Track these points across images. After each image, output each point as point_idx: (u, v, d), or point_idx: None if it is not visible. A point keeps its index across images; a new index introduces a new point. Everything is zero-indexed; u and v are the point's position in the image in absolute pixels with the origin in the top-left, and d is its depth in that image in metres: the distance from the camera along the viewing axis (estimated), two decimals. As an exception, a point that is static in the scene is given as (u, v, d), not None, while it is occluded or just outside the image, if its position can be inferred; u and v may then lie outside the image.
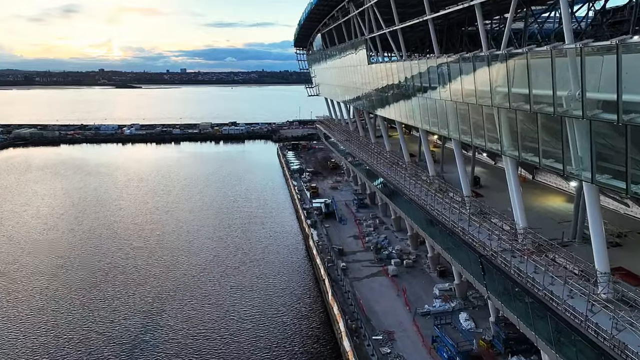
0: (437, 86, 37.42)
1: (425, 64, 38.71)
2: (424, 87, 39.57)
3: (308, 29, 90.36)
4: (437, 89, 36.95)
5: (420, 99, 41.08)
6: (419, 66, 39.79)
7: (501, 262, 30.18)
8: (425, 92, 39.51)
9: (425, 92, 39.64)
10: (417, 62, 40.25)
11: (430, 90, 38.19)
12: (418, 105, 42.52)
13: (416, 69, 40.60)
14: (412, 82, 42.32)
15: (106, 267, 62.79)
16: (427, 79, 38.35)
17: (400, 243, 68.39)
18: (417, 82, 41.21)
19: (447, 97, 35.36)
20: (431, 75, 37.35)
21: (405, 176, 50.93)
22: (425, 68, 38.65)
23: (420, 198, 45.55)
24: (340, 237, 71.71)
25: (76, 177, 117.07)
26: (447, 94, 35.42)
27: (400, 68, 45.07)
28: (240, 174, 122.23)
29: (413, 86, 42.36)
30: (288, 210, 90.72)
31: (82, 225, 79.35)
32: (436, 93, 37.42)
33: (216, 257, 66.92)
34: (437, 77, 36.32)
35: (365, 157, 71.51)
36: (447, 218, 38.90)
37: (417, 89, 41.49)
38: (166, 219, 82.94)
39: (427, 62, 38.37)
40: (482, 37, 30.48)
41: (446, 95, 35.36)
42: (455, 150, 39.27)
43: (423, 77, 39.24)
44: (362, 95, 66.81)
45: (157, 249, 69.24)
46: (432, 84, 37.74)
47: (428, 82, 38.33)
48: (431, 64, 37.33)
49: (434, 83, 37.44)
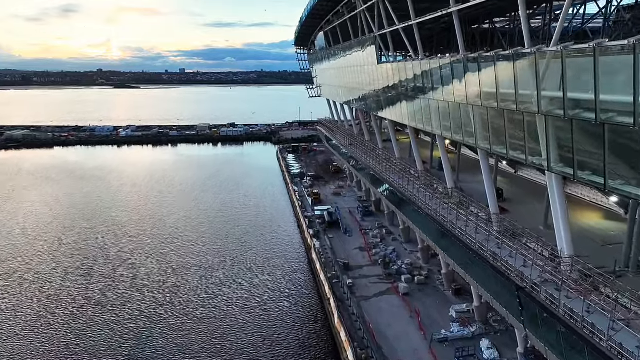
0: (462, 88, 32.60)
1: (448, 62, 33.83)
2: (446, 89, 34.77)
3: (310, 27, 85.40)
4: (463, 92, 32.16)
5: (441, 102, 36.30)
6: (440, 65, 34.96)
7: (546, 298, 25.38)
8: (448, 95, 34.71)
9: (447, 95, 34.84)
10: (438, 61, 35.34)
11: (454, 93, 33.37)
12: (437, 109, 37.74)
13: (436, 69, 35.80)
14: (431, 84, 37.53)
15: (92, 283, 57.97)
16: (450, 80, 33.55)
17: (409, 256, 63.88)
18: (436, 83, 36.44)
19: (475, 101, 30.59)
20: (455, 75, 32.54)
21: (420, 187, 46.02)
22: (447, 67, 33.82)
23: (439, 214, 40.68)
24: (345, 249, 67.10)
25: (67, 182, 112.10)
26: (476, 97, 30.63)
27: (416, 67, 40.21)
28: (239, 179, 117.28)
29: (432, 88, 37.53)
30: (289, 218, 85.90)
31: (70, 235, 74.46)
32: (461, 96, 32.63)
33: (213, 273, 61.90)
34: (463, 77, 31.55)
35: (373, 163, 66.71)
36: (473, 239, 34.05)
37: (437, 91, 36.68)
38: (158, 229, 77.90)
39: (450, 60, 33.51)
40: (525, 32, 25.59)
41: (475, 100, 30.58)
42: (482, 162, 34.48)
43: (445, 78, 34.46)
44: (370, 97, 61.86)
45: (146, 264, 64.23)
46: (456, 86, 32.93)
47: (451, 84, 33.52)
48: (455, 63, 32.51)
49: (458, 85, 32.66)
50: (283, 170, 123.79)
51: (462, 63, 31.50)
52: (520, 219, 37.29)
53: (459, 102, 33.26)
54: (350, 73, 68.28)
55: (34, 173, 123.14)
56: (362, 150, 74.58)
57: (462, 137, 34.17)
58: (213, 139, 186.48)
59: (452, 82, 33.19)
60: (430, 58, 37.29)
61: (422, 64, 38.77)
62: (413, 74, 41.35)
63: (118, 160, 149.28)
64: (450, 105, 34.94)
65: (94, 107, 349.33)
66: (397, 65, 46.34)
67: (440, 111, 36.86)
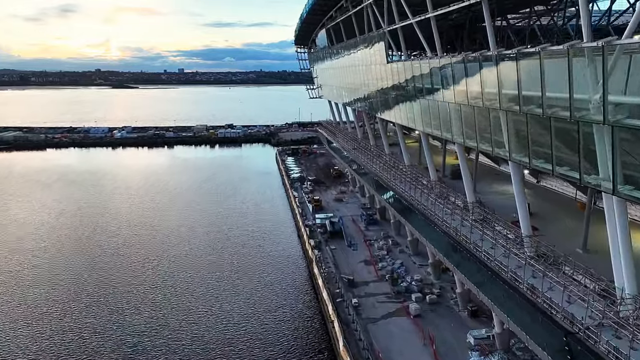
0: (493, 91, 27.75)
1: (474, 60, 28.90)
2: (471, 91, 29.94)
3: (311, 24, 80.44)
4: (494, 95, 27.33)
5: (464, 107, 31.51)
6: (464, 63, 30.07)
7: (605, 350, 20.57)
8: (474, 99, 29.88)
9: (472, 98, 30.02)
10: (462, 58, 30.39)
11: (484, 96, 28.55)
12: (459, 114, 32.98)
13: (459, 68, 30.98)
14: (452, 85, 32.70)
15: (74, 298, 53.26)
16: (477, 80, 28.73)
17: (419, 270, 59.19)
18: (459, 84, 31.63)
19: (510, 106, 25.79)
20: (485, 75, 27.72)
21: (436, 201, 41.12)
22: (474, 66, 28.96)
23: (460, 233, 35.79)
24: (348, 262, 62.34)
25: (57, 187, 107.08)
26: (511, 102, 25.83)
27: (433, 66, 35.39)
28: (236, 183, 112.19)
29: (453, 90, 32.70)
30: (288, 226, 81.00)
31: (53, 247, 69.53)
32: (492, 100, 27.83)
33: (207, 291, 56.93)
34: (494, 78, 26.73)
35: (379, 170, 61.84)
36: (505, 267, 29.20)
37: (459, 93, 31.85)
38: (149, 240, 72.52)
39: (478, 57, 28.53)
40: (584, 24, 20.72)
41: (509, 104, 25.77)
42: (513, 177, 29.61)
43: (470, 78, 29.64)
44: (377, 99, 56.97)
45: (134, 280, 59.26)
46: (485, 88, 28.11)
47: (478, 85, 28.68)
48: (485, 61, 27.63)
49: (488, 86, 27.83)
50: (282, 174, 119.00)
51: (494, 61, 26.68)
52: (553, 239, 32.56)
53: (488, 107, 28.48)
54: (354, 73, 63.37)
55: (24, 176, 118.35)
56: (366, 156, 69.72)
57: (492, 147, 29.35)
58: (210, 141, 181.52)
59: (480, 83, 28.37)
60: (452, 55, 32.39)
61: (441, 62, 33.92)
62: (430, 74, 36.48)
63: (112, 163, 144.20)
64: (476, 110, 30.16)
65: (90, 108, 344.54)
66: (409, 64, 41.34)
67: (462, 117, 32.09)
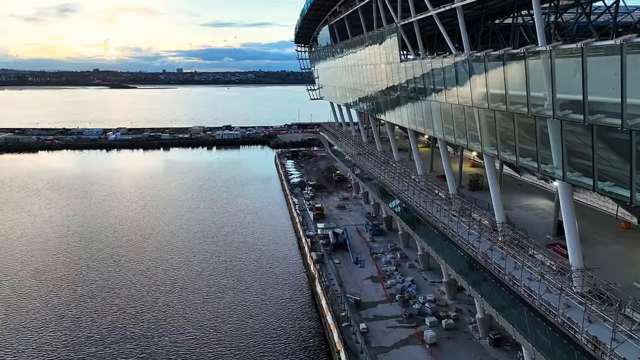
0: (540, 96, 22.69)
1: (519, 56, 23.71)
2: (512, 95, 24.79)
3: (313, 20, 75.19)
4: (541, 100, 22.26)
5: (500, 114, 26.41)
6: (504, 61, 24.91)
7: None
8: (515, 104, 24.76)
9: (513, 103, 24.90)
10: (502, 55, 25.12)
11: (529, 101, 23.44)
12: (492, 123, 27.87)
13: (495, 69, 25.89)
14: (485, 88, 27.58)
15: (53, 318, 48.42)
16: (520, 83, 23.66)
17: (431, 289, 54.41)
18: (495, 87, 26.54)
19: (564, 114, 20.72)
20: (533, 77, 22.62)
21: (460, 221, 35.90)
22: (517, 64, 23.84)
23: (491, 262, 30.58)
24: (354, 278, 57.41)
25: (46, 193, 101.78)
26: (562, 109, 20.77)
27: (460, 66, 30.26)
28: (233, 189, 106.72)
29: (484, 94, 27.57)
30: (288, 237, 75.74)
31: (35, 261, 64.44)
32: (539, 106, 22.75)
33: (197, 314, 51.84)
34: (546, 79, 21.67)
35: (388, 179, 56.66)
36: (553, 307, 24.10)
37: (495, 98, 26.73)
38: (139, 254, 66.84)
39: (523, 53, 23.26)
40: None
41: (566, 112, 20.69)
42: (562, 198, 24.41)
43: (512, 80, 24.55)
44: (386, 102, 51.76)
45: (121, 297, 54.23)
46: (532, 91, 23.00)
47: (524, 89, 23.56)
48: (531, 57, 22.49)
49: (536, 90, 22.71)
50: (282, 179, 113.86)
51: (547, 55, 21.41)
52: (602, 270, 27.45)
53: (535, 114, 23.36)
54: (361, 73, 58.21)
55: (12, 180, 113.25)
56: (373, 162, 64.51)
57: (537, 163, 24.22)
58: (207, 143, 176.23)
59: (525, 85, 23.26)
60: (486, 52, 27.17)
61: (470, 61, 28.74)
62: (453, 73, 31.35)
63: (104, 167, 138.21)
64: (517, 119, 25.08)
65: (87, 108, 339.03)
66: (428, 62, 36.09)
67: (497, 125, 27.02)
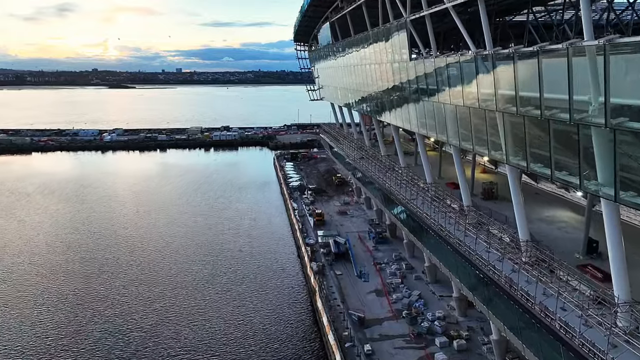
0: (584, 100, 19.14)
1: (560, 55, 20.10)
2: (550, 99, 21.20)
3: (313, 18, 71.57)
4: (587, 107, 18.73)
5: (529, 120, 22.86)
6: (542, 61, 21.30)
7: None
8: (554, 110, 21.18)
9: (550, 109, 21.34)
10: (541, 49, 21.41)
11: (572, 106, 19.84)
12: (512, 131, 24.34)
13: (526, 68, 22.32)
14: (513, 90, 23.97)
15: (37, 331, 44.93)
16: (559, 85, 20.12)
17: (440, 304, 50.98)
18: (526, 89, 22.95)
19: (618, 122, 17.20)
20: (577, 77, 19.04)
21: (477, 237, 32.31)
22: (553, 64, 20.31)
23: (517, 288, 26.93)
24: (357, 292, 53.96)
25: (35, 198, 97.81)
26: (616, 116, 17.22)
27: (481, 65, 26.64)
28: (230, 194, 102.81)
29: (514, 97, 23.94)
30: (288, 245, 72.07)
31: (21, 268, 60.92)
32: (583, 113, 19.20)
33: (191, 333, 48.29)
34: (591, 81, 18.13)
35: (394, 187, 53.04)
36: (597, 351, 20.53)
37: (527, 101, 23.11)
38: (127, 266, 62.62)
39: (568, 49, 19.61)
40: None
41: (621, 120, 17.15)
42: (606, 221, 20.84)
43: (548, 82, 20.99)
44: (392, 104, 48.17)
45: (105, 316, 50.58)
46: (576, 94, 19.42)
47: (564, 92, 19.97)
48: (577, 52, 18.87)
49: (580, 93, 19.12)
50: (280, 182, 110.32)
51: (598, 51, 17.85)
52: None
53: (578, 122, 19.76)
54: (364, 72, 54.61)
55: (1, 185, 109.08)
56: (377, 167, 60.93)
57: (579, 179, 20.63)
58: (205, 144, 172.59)
59: (568, 87, 19.68)
60: (515, 48, 23.54)
61: (494, 58, 25.08)
62: (475, 75, 27.75)
63: (98, 169, 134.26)
64: (553, 126, 21.48)
65: (84, 108, 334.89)
66: (442, 59, 32.46)
67: (527, 134, 23.41)
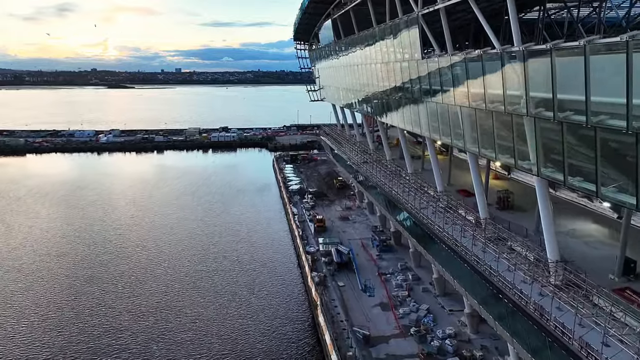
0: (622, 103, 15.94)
1: (618, 50, 16.85)
2: (596, 104, 17.94)
3: (313, 15, 68.31)
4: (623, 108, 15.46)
5: (568, 127, 19.62)
6: (590, 57, 18.07)
7: None
8: (593, 116, 17.96)
9: (592, 115, 18.10)
10: (584, 48, 18.21)
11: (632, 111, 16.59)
12: (545, 139, 21.07)
13: (566, 66, 19.13)
14: (551, 92, 20.66)
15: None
16: (613, 87, 16.91)
17: (450, 319, 47.87)
18: (565, 91, 19.74)
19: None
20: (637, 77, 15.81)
21: (499, 255, 28.93)
22: (605, 62, 17.11)
23: (550, 318, 23.61)
24: (361, 305, 50.78)
25: (26, 203, 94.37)
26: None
27: (509, 63, 23.36)
28: (228, 199, 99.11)
29: (551, 101, 20.64)
30: (287, 254, 68.60)
31: (8, 277, 57.60)
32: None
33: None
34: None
35: (401, 195, 49.71)
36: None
37: (563, 106, 19.90)
38: (119, 276, 59.15)
39: (629, 45, 16.39)
40: None
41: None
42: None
43: (596, 83, 17.75)
44: (400, 107, 44.85)
45: (96, 329, 47.33)
46: (636, 97, 16.18)
47: (620, 95, 16.72)
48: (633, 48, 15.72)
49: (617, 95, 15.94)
50: (280, 185, 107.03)
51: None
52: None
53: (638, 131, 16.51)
54: (368, 72, 51.34)
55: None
56: (381, 172, 57.65)
57: (636, 197, 17.41)
58: (203, 145, 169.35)
59: (626, 90, 16.43)
60: (554, 44, 20.35)
61: (526, 56, 21.80)
62: (501, 75, 24.47)
63: (92, 172, 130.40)
64: (601, 135, 18.25)
65: (82, 108, 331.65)
66: (460, 57, 29.18)
67: (565, 142, 20.14)
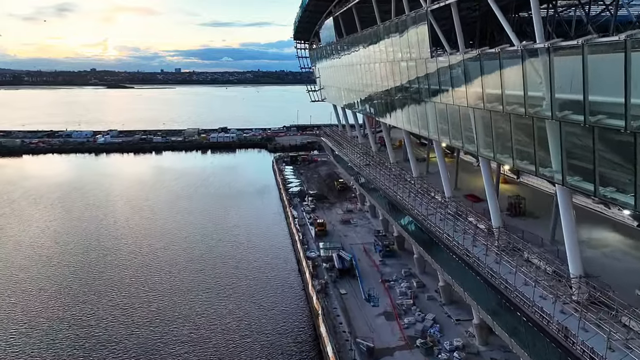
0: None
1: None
2: (637, 106, 16.00)
3: (314, 13, 66.27)
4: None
5: (601, 132, 17.67)
6: (630, 54, 16.19)
7: None
8: (634, 121, 16.00)
9: (632, 119, 16.14)
10: (610, 45, 16.40)
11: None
12: (571, 144, 19.09)
13: (599, 64, 17.21)
14: (582, 94, 18.60)
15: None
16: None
17: (457, 329, 46.08)
18: (598, 93, 17.77)
19: None
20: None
21: (517, 269, 26.86)
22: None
23: (577, 342, 21.56)
24: (364, 314, 48.87)
25: (19, 206, 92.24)
26: None
27: (529, 62, 21.38)
28: (226, 202, 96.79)
29: (582, 102, 18.62)
30: (287, 260, 66.51)
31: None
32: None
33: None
34: None
35: (407, 200, 47.66)
36: None
37: (595, 109, 17.93)
38: (115, 282, 57.44)
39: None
40: None
41: None
42: None
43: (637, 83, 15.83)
44: (406, 109, 42.82)
45: (90, 337, 45.40)
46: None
47: None
48: None
49: None
50: (280, 187, 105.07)
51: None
52: None
53: None
54: (372, 72, 49.33)
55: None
56: (385, 177, 55.66)
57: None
58: (202, 146, 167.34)
59: None
60: (587, 39, 18.36)
61: (551, 52, 19.84)
62: (522, 75, 22.45)
63: (89, 173, 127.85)
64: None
65: (81, 108, 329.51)
66: (474, 55, 27.19)
67: (597, 149, 18.14)
